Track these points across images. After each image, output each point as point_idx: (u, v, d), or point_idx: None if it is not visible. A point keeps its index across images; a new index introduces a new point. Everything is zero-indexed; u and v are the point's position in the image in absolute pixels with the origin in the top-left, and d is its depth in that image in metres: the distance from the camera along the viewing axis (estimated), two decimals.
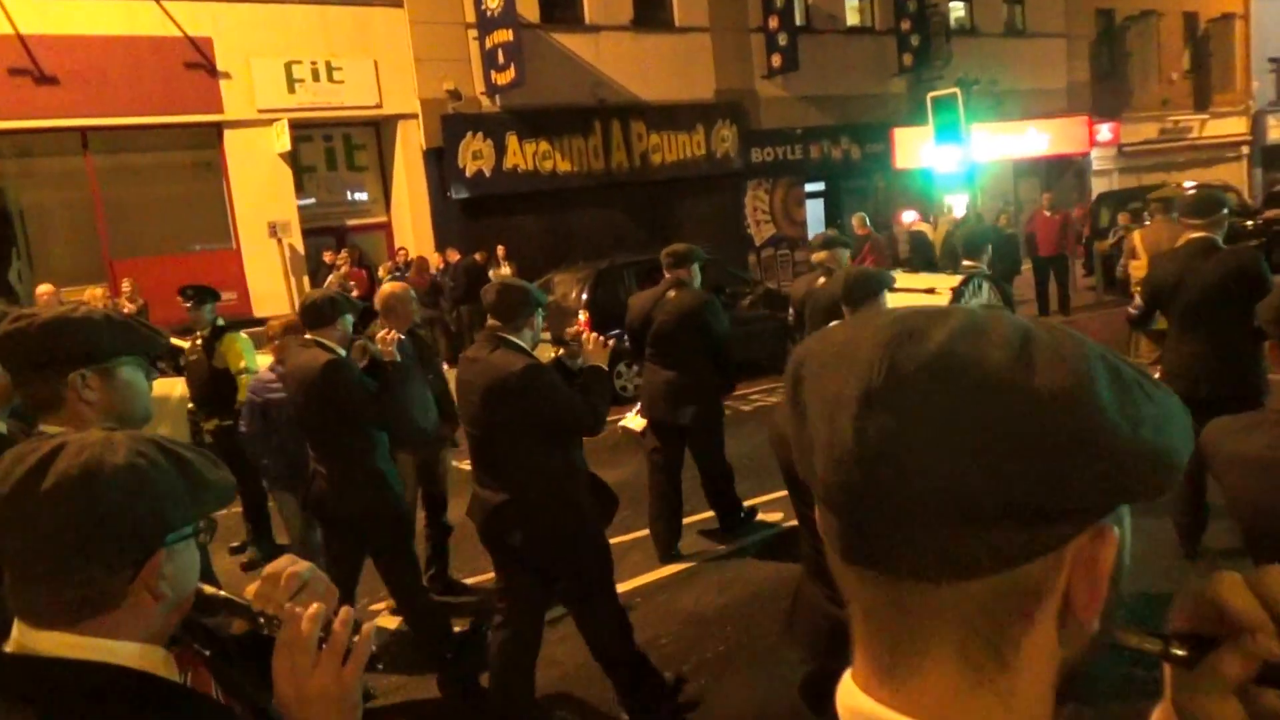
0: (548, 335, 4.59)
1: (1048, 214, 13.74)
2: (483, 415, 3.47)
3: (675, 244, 5.67)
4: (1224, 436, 1.99)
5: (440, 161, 14.55)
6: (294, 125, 13.44)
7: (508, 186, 15.12)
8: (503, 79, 14.44)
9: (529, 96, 15.20)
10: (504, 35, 14.18)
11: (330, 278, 13.34)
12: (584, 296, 10.50)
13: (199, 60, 12.56)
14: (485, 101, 14.94)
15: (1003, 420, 0.53)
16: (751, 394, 10.80)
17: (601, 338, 3.71)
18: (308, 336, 4.01)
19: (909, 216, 20.94)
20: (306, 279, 13.35)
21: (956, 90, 13.35)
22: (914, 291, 5.32)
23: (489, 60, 14.60)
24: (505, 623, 3.66)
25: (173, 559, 1.13)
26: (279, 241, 12.92)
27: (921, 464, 0.54)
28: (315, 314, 3.98)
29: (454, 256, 13.50)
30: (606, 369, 3.68)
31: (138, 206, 12.94)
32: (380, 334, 4.03)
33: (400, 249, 14.01)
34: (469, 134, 14.65)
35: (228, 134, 13.05)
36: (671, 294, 5.42)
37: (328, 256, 13.68)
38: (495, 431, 3.48)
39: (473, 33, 14.69)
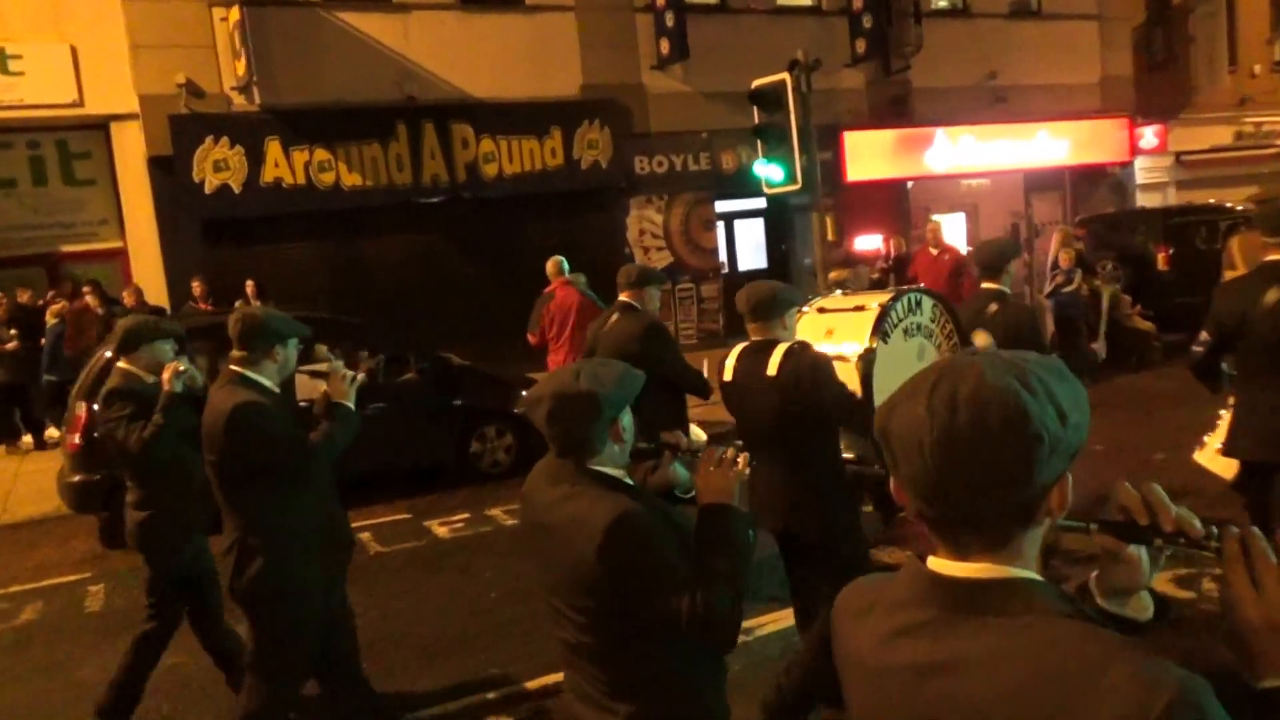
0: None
1: (933, 251, 9.65)
2: (206, 454, 3.46)
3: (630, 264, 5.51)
4: (842, 617, 1.33)
5: (173, 173, 11.51)
6: None
7: (267, 206, 11.93)
8: (239, 70, 11.30)
9: (301, 93, 12.02)
10: (234, 14, 11.05)
11: None
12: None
13: None
14: (238, 99, 11.81)
15: None
16: (436, 527, 7.25)
17: (346, 373, 3.60)
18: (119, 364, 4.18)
19: (869, 243, 16.82)
20: None
21: (785, 77, 9.40)
22: (843, 311, 4.58)
23: (232, 47, 11.48)
24: (250, 665, 3.61)
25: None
26: None
27: None
28: (125, 339, 4.17)
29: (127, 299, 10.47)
30: (350, 404, 3.54)
31: None
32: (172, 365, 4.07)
33: (87, 283, 10.97)
34: (208, 139, 11.54)
35: None
36: (614, 319, 5.16)
37: (23, 296, 10.90)
38: (217, 470, 3.43)
39: (219, 12, 11.61)
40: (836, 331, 4.47)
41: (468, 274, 13.20)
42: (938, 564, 1.18)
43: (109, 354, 7.39)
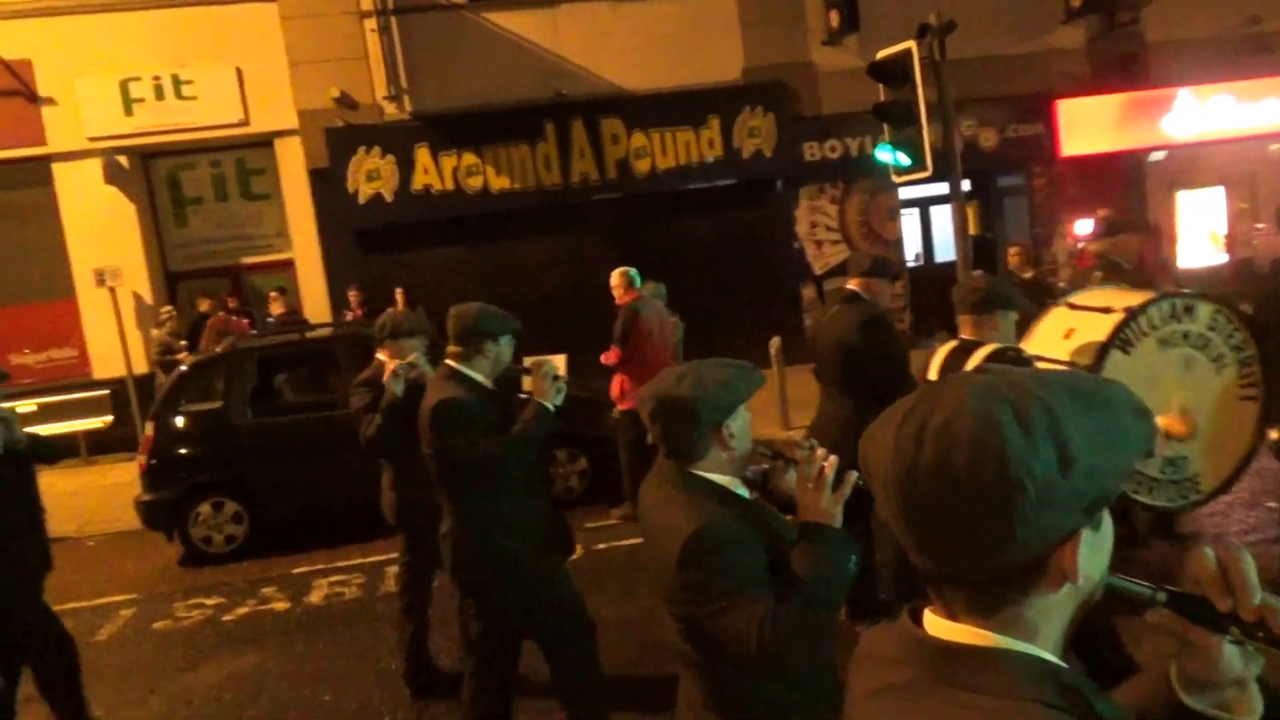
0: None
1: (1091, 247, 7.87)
2: (422, 445, 3.53)
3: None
4: (854, 659, 1.14)
5: (330, 185, 11.87)
6: (164, 152, 11.68)
7: (417, 213, 12.02)
8: (387, 78, 11.42)
9: (449, 98, 11.99)
10: (383, 23, 11.16)
11: (154, 332, 11.35)
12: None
13: (16, 87, 11.01)
14: (389, 108, 11.96)
15: None
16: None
17: (550, 370, 3.58)
18: (378, 355, 4.50)
19: (1087, 228, 14.58)
20: (156, 332, 11.35)
21: (910, 46, 7.97)
22: (1090, 311, 4.08)
23: (382, 57, 11.62)
24: (470, 649, 3.73)
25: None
26: (111, 291, 11.01)
27: None
28: (389, 332, 4.41)
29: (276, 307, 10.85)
30: (548, 405, 3.53)
31: None
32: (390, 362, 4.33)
33: (274, 293, 11.60)
34: (361, 150, 11.78)
35: (57, 169, 11.41)
36: (835, 309, 4.75)
37: (203, 305, 11.68)
38: (432, 460, 3.51)
39: (370, 24, 11.79)
40: (1077, 332, 4.05)
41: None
42: (927, 619, 1.02)
43: (184, 369, 7.61)
